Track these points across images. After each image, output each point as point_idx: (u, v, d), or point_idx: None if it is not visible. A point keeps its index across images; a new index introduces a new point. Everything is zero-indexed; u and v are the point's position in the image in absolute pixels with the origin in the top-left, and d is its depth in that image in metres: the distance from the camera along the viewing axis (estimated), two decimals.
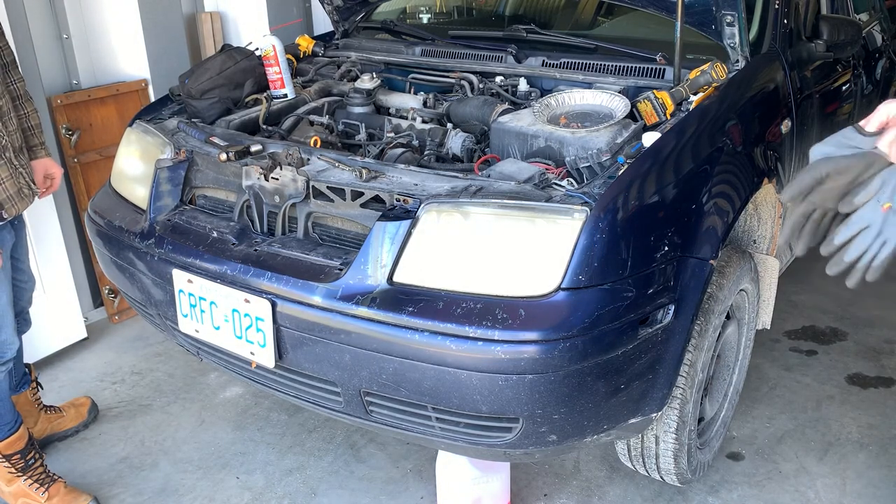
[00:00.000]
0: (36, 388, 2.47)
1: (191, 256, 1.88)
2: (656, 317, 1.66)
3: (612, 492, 2.25)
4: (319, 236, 1.86)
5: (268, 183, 1.87)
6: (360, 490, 2.27)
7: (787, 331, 3.10)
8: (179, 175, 2.06)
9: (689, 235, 1.74)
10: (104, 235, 2.15)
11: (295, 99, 2.39)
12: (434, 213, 1.64)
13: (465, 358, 1.52)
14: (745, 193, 1.97)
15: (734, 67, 2.09)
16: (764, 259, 2.30)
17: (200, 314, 1.87)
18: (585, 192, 1.63)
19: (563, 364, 1.51)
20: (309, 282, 1.68)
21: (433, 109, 2.29)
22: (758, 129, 2.10)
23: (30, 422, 2.42)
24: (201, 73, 2.31)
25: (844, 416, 2.56)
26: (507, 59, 2.41)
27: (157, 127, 2.22)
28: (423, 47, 2.60)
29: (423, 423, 1.71)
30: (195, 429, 2.57)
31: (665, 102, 1.94)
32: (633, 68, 2.17)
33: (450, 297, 1.56)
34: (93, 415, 2.60)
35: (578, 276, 1.53)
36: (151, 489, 2.30)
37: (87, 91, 3.06)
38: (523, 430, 1.61)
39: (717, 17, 2.04)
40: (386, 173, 1.78)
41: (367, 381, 1.66)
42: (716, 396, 2.28)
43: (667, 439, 1.96)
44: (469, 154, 2.06)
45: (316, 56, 2.73)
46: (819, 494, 2.22)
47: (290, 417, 2.60)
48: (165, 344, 3.04)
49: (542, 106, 2.02)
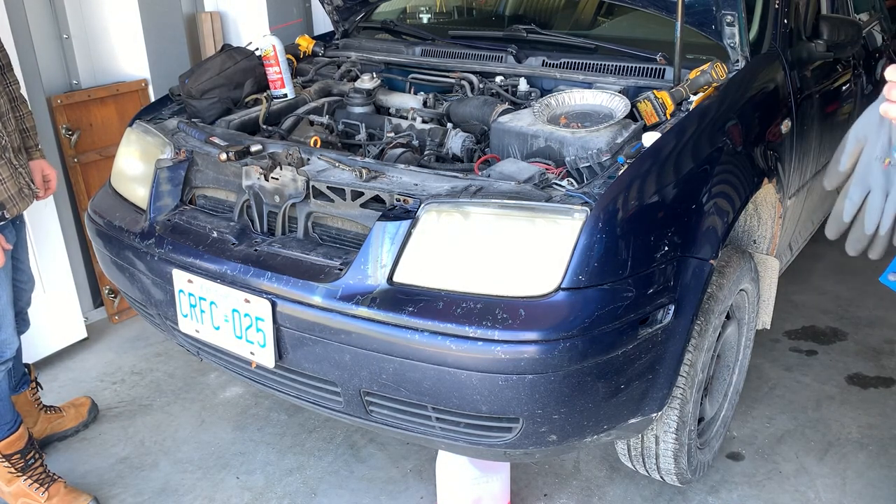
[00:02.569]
0: (35, 389, 2.47)
1: (191, 256, 1.88)
2: (656, 317, 1.66)
3: (612, 492, 2.25)
4: (319, 236, 1.86)
5: (268, 183, 1.87)
6: (360, 490, 2.27)
7: (787, 331, 3.10)
8: (179, 175, 2.06)
9: (689, 235, 1.74)
10: (104, 235, 2.15)
11: (295, 99, 2.39)
12: (434, 213, 1.64)
13: (465, 358, 1.52)
14: (745, 193, 1.97)
15: (734, 67, 2.09)
16: (764, 259, 2.30)
17: (200, 314, 1.87)
18: (585, 192, 1.62)
19: (563, 364, 1.51)
20: (309, 282, 1.68)
21: (433, 109, 2.29)
22: (758, 129, 2.10)
23: (29, 422, 2.42)
24: (201, 73, 2.31)
25: (844, 416, 2.56)
26: (508, 59, 2.41)
27: (157, 127, 2.22)
28: (423, 47, 2.60)
29: (423, 423, 1.71)
30: (195, 429, 2.57)
31: (665, 102, 1.94)
32: (633, 68, 2.18)
33: (450, 297, 1.56)
34: (93, 415, 2.60)
35: (578, 276, 1.53)
36: (151, 489, 2.30)
37: (87, 91, 3.06)
38: (523, 430, 1.61)
39: (717, 17, 2.04)
40: (386, 173, 1.78)
41: (367, 381, 1.66)
42: (716, 396, 2.28)
43: (667, 439, 1.96)
44: (469, 154, 2.06)
45: (316, 56, 2.73)
46: (819, 494, 2.22)
47: (290, 417, 2.60)
48: (165, 344, 3.04)
49: (542, 106, 2.02)
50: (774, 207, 2.26)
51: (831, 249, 3.72)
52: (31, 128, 2.26)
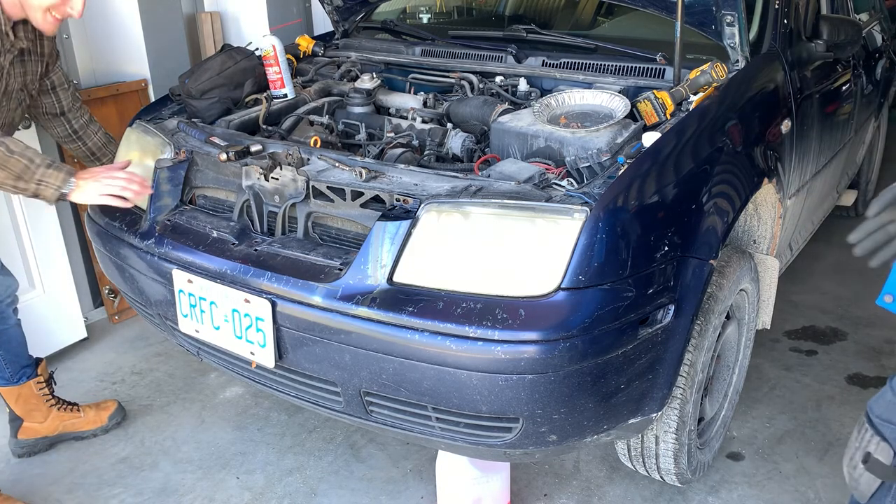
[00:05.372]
0: (43, 384, 2.43)
1: (191, 256, 1.88)
2: (656, 317, 1.66)
3: (612, 492, 2.25)
4: (319, 236, 1.86)
5: (268, 183, 1.87)
6: (360, 490, 2.27)
7: (787, 331, 3.10)
8: (179, 175, 2.06)
9: (689, 235, 1.74)
10: (104, 235, 2.15)
11: (295, 99, 2.39)
12: (434, 213, 1.64)
13: (465, 358, 1.52)
14: (745, 193, 1.97)
15: (734, 67, 2.09)
16: (764, 259, 2.30)
17: (200, 314, 1.87)
18: (585, 192, 1.62)
19: (563, 364, 1.51)
20: (309, 282, 1.68)
21: (433, 109, 2.29)
22: (758, 129, 2.10)
23: (37, 417, 2.41)
24: (201, 73, 2.31)
25: (844, 416, 2.56)
26: (507, 59, 2.41)
27: (157, 127, 2.22)
28: (423, 47, 2.60)
29: (423, 423, 1.71)
30: (195, 429, 2.57)
31: (665, 102, 1.94)
32: (633, 68, 2.17)
33: (450, 297, 1.56)
34: (115, 421, 2.54)
35: (578, 276, 1.53)
36: (151, 489, 2.30)
37: (87, 91, 3.06)
38: (523, 430, 1.61)
39: (717, 17, 2.04)
40: (386, 173, 1.78)
41: (367, 381, 1.66)
42: (716, 396, 2.28)
43: (667, 439, 1.96)
44: (469, 154, 2.06)
45: (316, 56, 2.73)
46: (819, 494, 2.22)
47: (290, 417, 2.60)
48: (165, 344, 3.04)
49: (542, 106, 2.02)
50: (774, 207, 2.26)
51: (831, 249, 3.73)
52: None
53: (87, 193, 1.92)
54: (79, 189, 1.92)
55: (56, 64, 2.29)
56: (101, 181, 1.92)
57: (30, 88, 2.19)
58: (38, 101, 2.28)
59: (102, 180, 1.92)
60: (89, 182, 1.92)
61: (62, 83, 2.31)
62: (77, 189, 1.92)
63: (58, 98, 2.30)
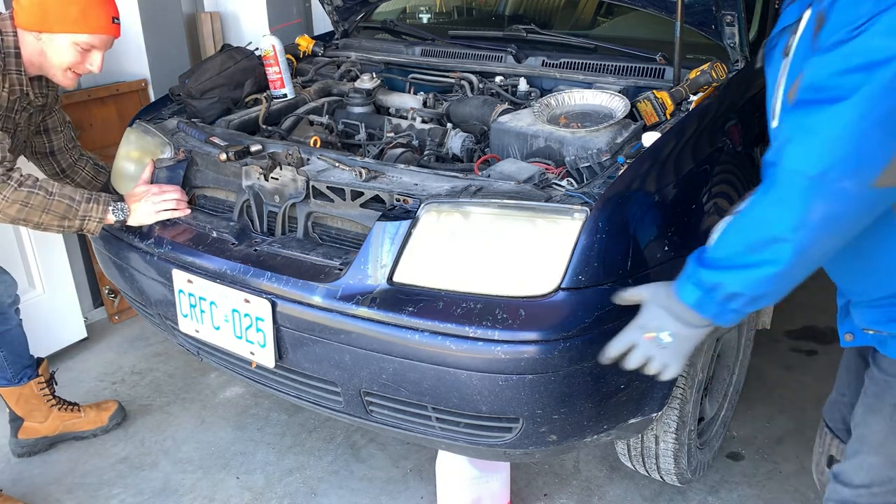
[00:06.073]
0: (44, 384, 2.44)
1: (191, 256, 1.88)
2: None
3: (612, 492, 2.25)
4: (319, 236, 1.86)
5: (268, 183, 1.87)
6: (360, 490, 2.27)
7: (787, 331, 3.09)
8: (179, 175, 2.06)
9: (689, 235, 1.74)
10: (104, 235, 2.15)
11: (295, 99, 2.39)
12: (434, 213, 1.64)
13: (465, 358, 1.52)
14: (745, 193, 1.97)
15: (734, 67, 2.09)
16: None
17: (200, 314, 1.87)
18: (585, 192, 1.62)
19: (563, 364, 1.51)
20: (309, 282, 1.68)
21: (433, 109, 2.29)
22: (758, 128, 2.10)
23: (38, 417, 2.42)
24: (201, 73, 2.31)
25: None
26: (507, 59, 2.41)
27: (157, 127, 2.22)
28: (423, 47, 2.60)
29: (423, 423, 1.71)
30: (195, 429, 2.57)
31: (665, 102, 1.94)
32: (633, 68, 2.17)
33: (450, 297, 1.56)
34: (115, 421, 2.55)
35: (578, 276, 1.53)
36: (151, 489, 2.30)
37: (87, 91, 3.06)
38: (523, 430, 1.61)
39: (717, 17, 2.04)
40: (386, 173, 1.78)
41: (367, 381, 1.66)
42: (716, 396, 2.28)
43: (667, 439, 1.96)
44: (469, 154, 2.06)
45: (316, 56, 2.73)
46: (819, 494, 2.22)
47: (290, 417, 2.60)
48: (165, 344, 3.04)
49: (542, 106, 2.02)
50: None
51: None
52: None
53: (143, 216, 1.98)
54: (133, 213, 1.98)
55: (56, 108, 2.30)
56: (152, 202, 1.98)
57: (28, 133, 2.22)
58: (29, 141, 2.28)
59: (153, 200, 1.98)
60: (140, 204, 1.98)
61: (56, 127, 2.31)
62: (132, 213, 1.98)
63: (49, 139, 2.31)
